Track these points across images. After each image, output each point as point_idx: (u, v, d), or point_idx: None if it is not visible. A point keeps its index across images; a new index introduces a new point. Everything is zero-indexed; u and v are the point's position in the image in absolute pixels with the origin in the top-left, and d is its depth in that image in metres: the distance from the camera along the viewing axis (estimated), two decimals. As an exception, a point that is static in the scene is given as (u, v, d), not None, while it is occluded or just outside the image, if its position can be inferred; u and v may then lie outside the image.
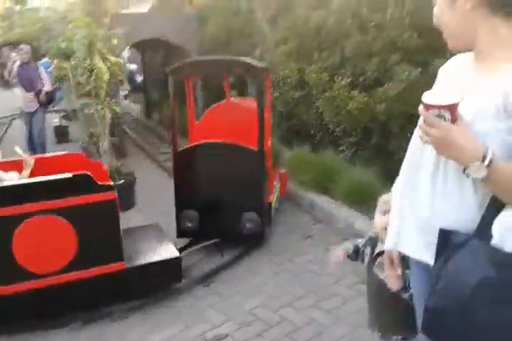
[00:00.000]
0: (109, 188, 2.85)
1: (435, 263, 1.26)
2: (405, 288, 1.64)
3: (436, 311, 1.21)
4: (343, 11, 4.83)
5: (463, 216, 1.24)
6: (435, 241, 1.25)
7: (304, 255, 3.60)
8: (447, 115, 1.14)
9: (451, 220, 1.25)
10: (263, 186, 3.71)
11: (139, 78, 11.00)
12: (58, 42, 4.80)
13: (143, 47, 8.91)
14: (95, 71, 4.74)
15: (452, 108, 1.14)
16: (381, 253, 1.80)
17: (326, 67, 5.07)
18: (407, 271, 1.63)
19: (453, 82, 1.32)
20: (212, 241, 3.67)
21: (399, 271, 1.59)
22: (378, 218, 1.62)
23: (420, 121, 1.20)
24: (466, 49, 1.30)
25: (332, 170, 4.40)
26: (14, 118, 9.23)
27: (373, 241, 1.89)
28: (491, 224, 1.19)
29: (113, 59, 5.43)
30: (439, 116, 1.15)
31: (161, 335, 2.76)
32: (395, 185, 1.54)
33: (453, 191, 1.24)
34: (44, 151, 6.42)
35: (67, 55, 4.68)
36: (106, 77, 5.19)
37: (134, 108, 10.15)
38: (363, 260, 1.87)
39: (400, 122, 4.14)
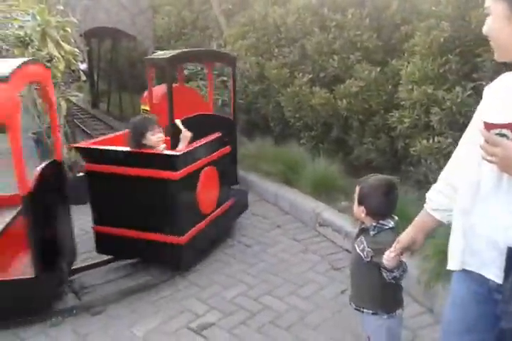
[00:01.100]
0: (228, 143, 3.78)
1: (505, 282, 1.26)
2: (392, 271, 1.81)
3: None
4: (303, 9, 4.97)
5: None
6: (502, 257, 1.26)
7: (275, 245, 3.75)
8: (509, 134, 1.17)
9: None
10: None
11: (82, 66, 10.65)
12: (14, 29, 4.60)
13: (89, 35, 8.63)
14: (53, 60, 4.59)
15: None
16: (364, 229, 2.01)
17: (285, 63, 5.23)
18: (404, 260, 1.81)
19: (506, 100, 1.31)
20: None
21: (398, 254, 1.74)
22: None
23: (481, 141, 1.22)
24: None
25: (295, 162, 4.58)
26: None
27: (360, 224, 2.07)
28: None
29: (67, 47, 5.27)
30: (501, 135, 1.17)
31: (145, 327, 2.79)
32: (429, 193, 1.64)
33: None
34: None
35: (25, 44, 4.48)
36: (62, 66, 5.04)
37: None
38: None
39: (359, 117, 4.38)
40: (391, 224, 1.96)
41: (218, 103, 5.84)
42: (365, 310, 2.04)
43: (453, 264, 1.46)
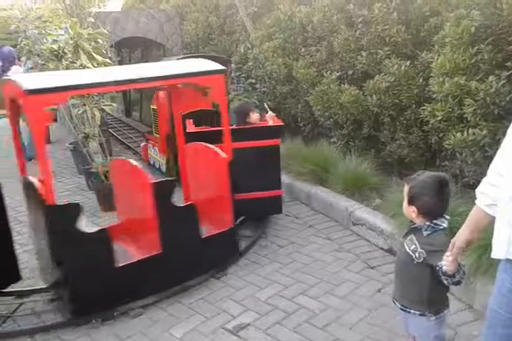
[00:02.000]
0: None
1: None
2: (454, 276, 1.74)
3: None
4: (329, 7, 4.93)
5: None
6: None
7: (309, 245, 3.72)
8: None
9: None
10: None
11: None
12: (48, 44, 4.77)
13: (119, 45, 8.84)
14: (86, 71, 4.74)
15: None
16: (414, 228, 1.93)
17: (313, 62, 5.20)
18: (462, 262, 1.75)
19: None
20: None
21: (454, 257, 1.68)
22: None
23: None
24: None
25: (327, 161, 4.53)
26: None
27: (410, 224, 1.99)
28: None
29: (99, 58, 5.41)
30: None
31: (183, 329, 2.82)
32: (479, 188, 1.59)
33: None
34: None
35: (59, 57, 4.64)
36: (95, 77, 5.17)
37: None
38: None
39: (390, 113, 4.30)
40: (445, 224, 1.87)
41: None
42: (412, 311, 1.97)
43: (497, 253, 1.43)
